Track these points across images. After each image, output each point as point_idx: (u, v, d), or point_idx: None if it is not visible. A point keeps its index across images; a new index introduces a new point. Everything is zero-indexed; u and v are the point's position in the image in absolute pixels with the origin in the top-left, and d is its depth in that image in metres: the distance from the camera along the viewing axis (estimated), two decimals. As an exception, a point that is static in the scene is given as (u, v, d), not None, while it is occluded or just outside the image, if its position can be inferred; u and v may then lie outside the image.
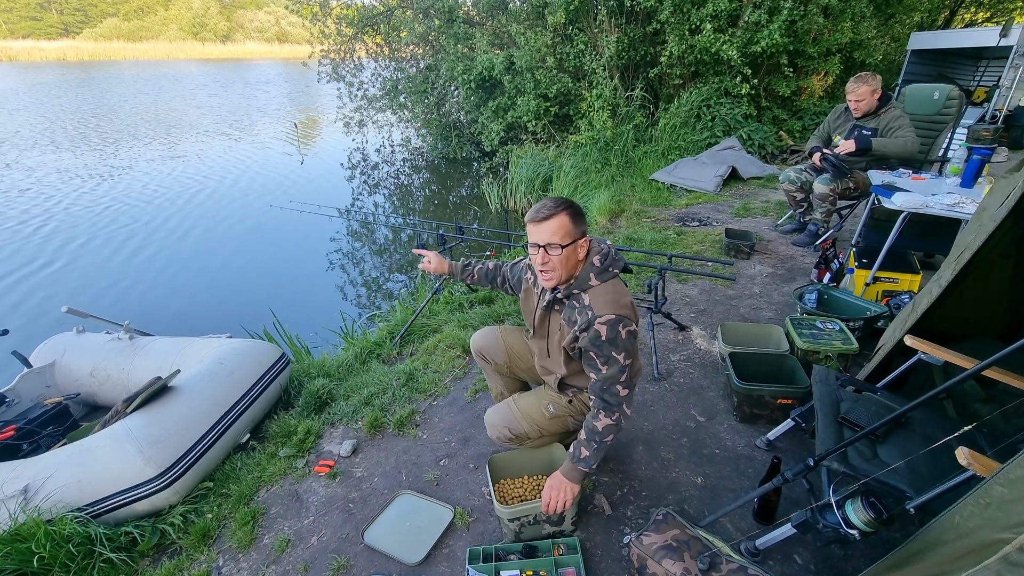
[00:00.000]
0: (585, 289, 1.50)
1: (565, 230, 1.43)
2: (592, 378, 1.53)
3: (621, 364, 1.47)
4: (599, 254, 1.52)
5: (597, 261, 1.51)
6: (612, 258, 1.54)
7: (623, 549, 1.65)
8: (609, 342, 1.44)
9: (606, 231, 4.68)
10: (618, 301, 1.48)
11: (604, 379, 1.49)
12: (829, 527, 1.30)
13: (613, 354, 1.46)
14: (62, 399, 2.57)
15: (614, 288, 1.51)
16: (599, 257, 1.51)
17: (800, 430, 1.89)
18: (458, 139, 9.32)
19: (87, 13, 56.54)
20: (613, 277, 1.52)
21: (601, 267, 1.51)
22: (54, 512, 1.81)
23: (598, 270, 1.50)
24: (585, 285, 1.50)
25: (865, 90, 3.34)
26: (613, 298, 1.48)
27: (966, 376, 1.27)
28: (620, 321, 1.45)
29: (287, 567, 1.75)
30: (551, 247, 1.44)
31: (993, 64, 8.07)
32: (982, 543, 0.95)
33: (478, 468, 2.05)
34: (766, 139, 6.75)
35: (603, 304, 1.46)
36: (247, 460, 2.25)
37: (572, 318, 1.53)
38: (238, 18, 61.05)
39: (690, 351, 2.71)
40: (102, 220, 6.94)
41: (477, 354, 1.97)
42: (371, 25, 9.20)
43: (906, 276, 2.78)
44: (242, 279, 5.45)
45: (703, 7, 6.12)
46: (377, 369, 2.82)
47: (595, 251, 1.53)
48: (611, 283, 1.51)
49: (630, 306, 1.50)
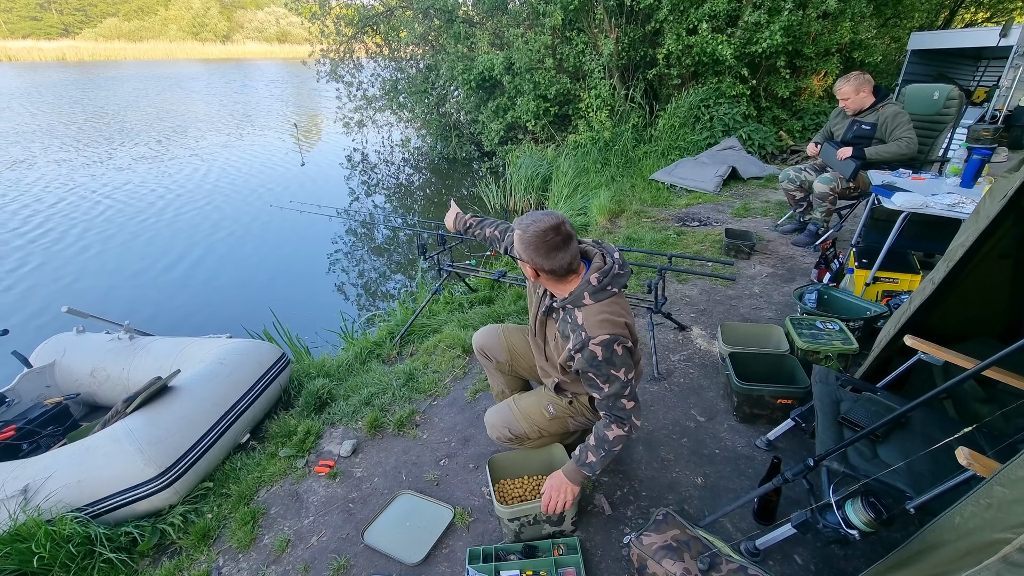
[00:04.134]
0: (579, 307, 1.45)
1: (515, 246, 1.48)
2: (596, 396, 1.51)
3: (623, 380, 1.44)
4: (598, 271, 1.44)
5: (594, 280, 1.43)
6: (613, 275, 1.45)
7: (623, 549, 1.65)
8: (606, 361, 1.41)
9: (606, 231, 4.68)
10: (612, 320, 1.42)
11: (607, 396, 1.46)
12: (829, 527, 1.30)
13: (612, 372, 1.42)
14: (62, 399, 2.57)
15: (609, 308, 1.44)
16: (597, 275, 1.43)
17: (800, 430, 1.90)
18: (458, 139, 9.31)
19: (87, 13, 56.52)
20: (611, 296, 1.45)
21: (598, 286, 1.43)
22: (54, 512, 1.81)
23: (593, 289, 1.43)
24: (579, 303, 1.44)
25: (847, 89, 3.35)
26: (607, 318, 1.42)
27: (966, 376, 1.27)
28: (615, 340, 1.40)
29: (287, 567, 1.75)
30: (520, 260, 1.48)
31: (993, 64, 8.07)
32: (982, 543, 0.95)
33: (478, 468, 2.05)
34: (766, 139, 6.75)
35: (596, 324, 1.41)
36: (247, 460, 2.24)
37: (566, 333, 1.51)
38: (238, 18, 61.07)
39: (690, 351, 2.71)
40: (102, 220, 6.94)
41: (479, 352, 1.97)
42: (371, 25, 9.19)
43: (906, 276, 2.78)
44: (242, 279, 5.45)
45: (701, 7, 6.12)
46: (377, 369, 2.82)
47: (595, 268, 1.45)
48: (607, 303, 1.44)
49: (624, 325, 1.44)
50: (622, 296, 1.51)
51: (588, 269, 1.46)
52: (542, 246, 1.40)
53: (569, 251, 1.42)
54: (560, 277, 1.46)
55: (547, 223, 1.40)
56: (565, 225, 1.42)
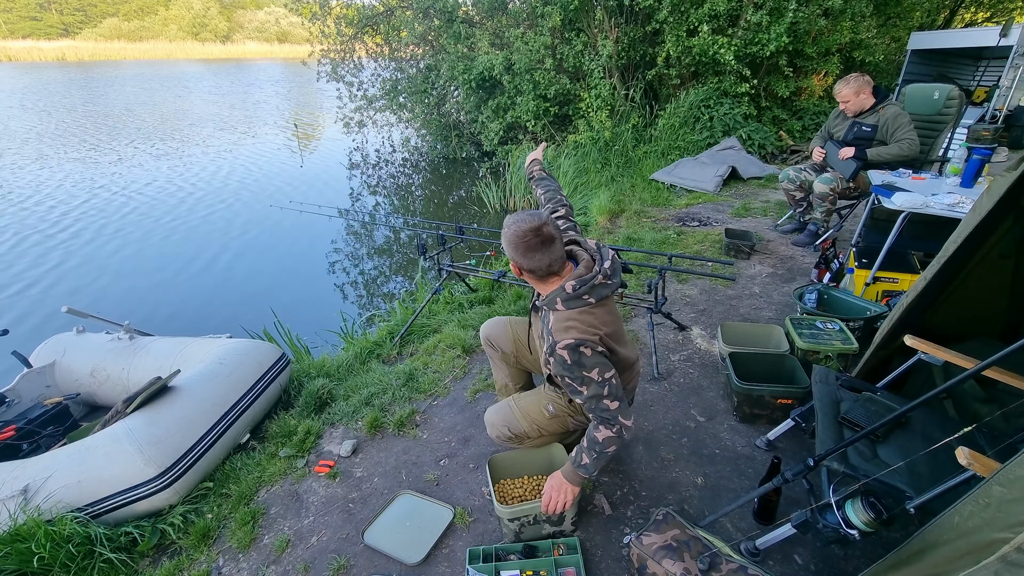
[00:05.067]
0: (552, 310, 1.46)
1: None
2: (578, 400, 1.50)
3: (597, 381, 1.41)
4: (576, 279, 1.42)
5: (569, 287, 1.42)
6: (592, 285, 1.43)
7: (623, 549, 1.65)
8: (576, 364, 1.40)
9: (606, 231, 4.68)
10: (579, 328, 1.41)
11: (588, 399, 1.45)
12: (829, 527, 1.30)
13: (585, 374, 1.41)
14: (62, 399, 2.57)
15: (580, 316, 1.42)
16: (574, 283, 1.42)
17: (800, 430, 1.90)
18: (458, 139, 9.31)
19: (87, 13, 56.53)
20: (584, 305, 1.43)
21: (572, 294, 1.42)
22: (54, 512, 1.81)
23: (566, 296, 1.42)
24: (553, 306, 1.45)
25: (847, 92, 3.35)
26: (574, 324, 1.41)
27: (966, 376, 1.26)
28: (581, 344, 1.39)
29: (287, 567, 1.75)
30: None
31: (993, 64, 8.07)
32: (982, 543, 0.95)
33: (478, 468, 2.05)
34: (766, 139, 6.75)
35: (562, 330, 1.41)
36: (247, 460, 2.25)
37: (543, 334, 1.52)
38: (238, 18, 61.07)
39: (690, 351, 2.71)
40: (103, 220, 6.94)
41: (485, 341, 2.00)
42: (371, 25, 9.20)
43: (906, 276, 2.78)
44: (242, 279, 5.45)
45: (701, 7, 6.12)
46: (377, 369, 2.82)
47: (575, 274, 1.44)
48: (578, 312, 1.43)
49: (593, 333, 1.42)
50: (604, 306, 1.49)
51: (572, 274, 1.46)
52: (520, 245, 1.41)
53: (549, 253, 1.42)
54: (540, 278, 1.47)
55: (529, 224, 1.41)
56: (547, 227, 1.41)
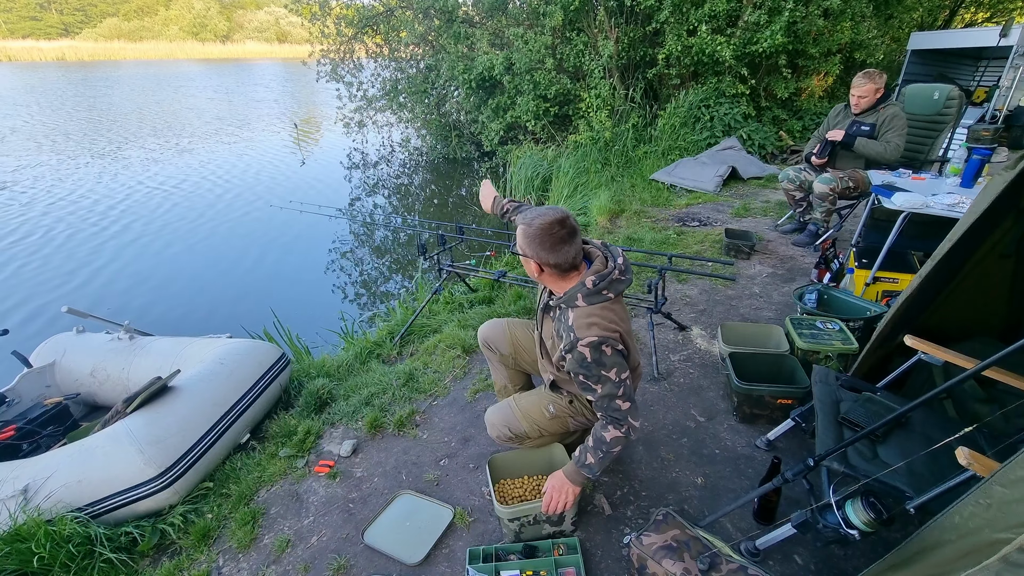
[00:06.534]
0: (572, 307, 1.44)
1: (517, 241, 1.48)
2: (590, 398, 1.50)
3: (614, 381, 1.42)
4: (595, 274, 1.43)
5: (589, 283, 1.41)
6: (611, 280, 1.43)
7: (623, 549, 1.65)
8: (596, 363, 1.40)
9: (606, 231, 4.68)
10: (601, 324, 1.40)
11: (601, 397, 1.45)
12: (829, 527, 1.30)
13: (603, 373, 1.41)
14: (62, 399, 2.57)
15: (601, 312, 1.42)
16: (593, 278, 1.42)
17: (800, 430, 1.90)
18: (458, 139, 9.31)
19: (87, 13, 56.55)
20: (604, 301, 1.43)
21: (592, 289, 1.41)
22: (54, 512, 1.81)
23: (587, 292, 1.42)
24: (572, 303, 1.44)
25: (870, 87, 3.34)
26: (596, 320, 1.40)
27: (966, 376, 1.26)
28: (603, 342, 1.39)
29: (287, 567, 1.75)
30: (523, 256, 1.49)
31: (993, 64, 8.06)
32: (982, 543, 0.95)
33: (478, 468, 2.05)
34: (766, 139, 6.75)
35: (584, 327, 1.40)
36: (247, 460, 2.25)
37: (559, 332, 1.50)
38: (238, 18, 61.10)
39: (690, 351, 2.71)
40: (102, 220, 6.94)
41: (483, 344, 1.98)
42: (371, 25, 9.19)
43: (906, 276, 2.77)
44: (242, 279, 5.44)
45: (701, 7, 6.12)
46: (377, 369, 2.82)
47: (593, 270, 1.44)
48: (599, 307, 1.43)
49: (614, 330, 1.42)
50: (619, 303, 1.49)
51: (588, 270, 1.46)
52: (547, 239, 1.40)
53: (574, 245, 1.43)
54: (563, 272, 1.46)
55: (553, 216, 1.41)
56: (570, 219, 1.42)
